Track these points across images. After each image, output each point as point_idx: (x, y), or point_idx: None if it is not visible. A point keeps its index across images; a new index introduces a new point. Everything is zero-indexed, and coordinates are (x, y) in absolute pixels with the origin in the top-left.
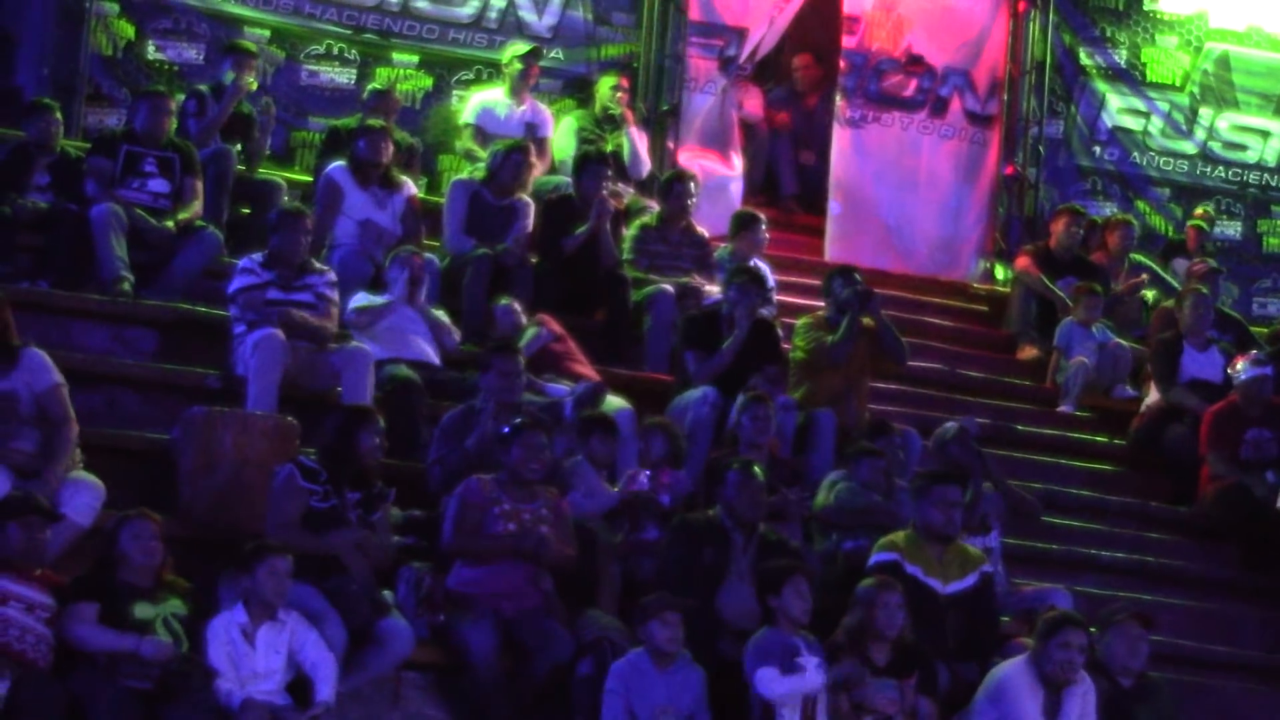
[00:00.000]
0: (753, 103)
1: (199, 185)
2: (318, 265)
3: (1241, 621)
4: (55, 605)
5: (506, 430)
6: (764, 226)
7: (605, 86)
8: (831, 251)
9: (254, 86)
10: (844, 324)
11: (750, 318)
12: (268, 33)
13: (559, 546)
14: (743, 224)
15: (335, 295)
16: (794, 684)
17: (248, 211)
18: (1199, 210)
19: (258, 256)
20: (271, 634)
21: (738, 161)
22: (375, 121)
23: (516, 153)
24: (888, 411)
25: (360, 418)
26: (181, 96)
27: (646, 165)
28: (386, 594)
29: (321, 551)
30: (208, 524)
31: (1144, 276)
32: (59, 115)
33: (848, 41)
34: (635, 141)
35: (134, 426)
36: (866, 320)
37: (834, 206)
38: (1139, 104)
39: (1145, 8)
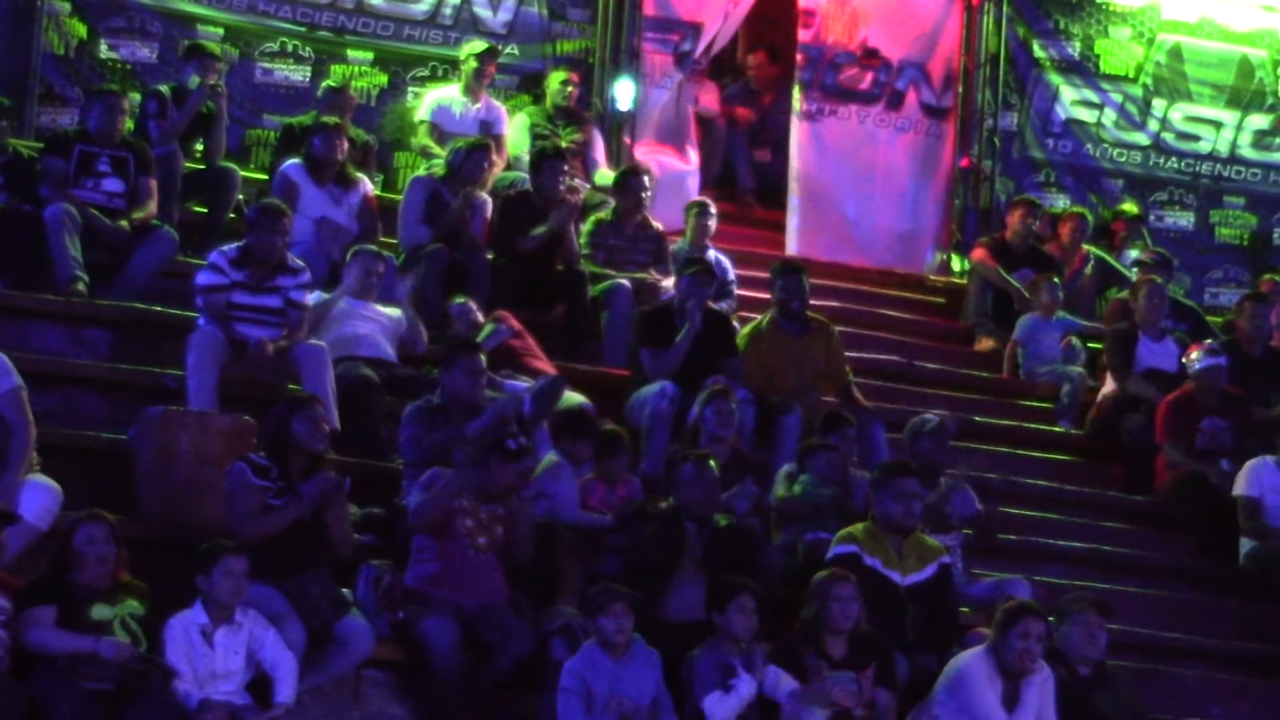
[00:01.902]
0: (709, 97)
1: (154, 184)
2: (293, 264)
3: (1198, 609)
4: (12, 609)
5: (513, 446)
6: (712, 211)
7: (556, 82)
8: (793, 246)
9: (222, 89)
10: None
11: (702, 311)
12: (221, 30)
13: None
14: (689, 211)
15: (306, 298)
16: (734, 704)
17: (204, 210)
18: (1124, 206)
19: (231, 251)
20: (229, 634)
21: (694, 156)
22: (330, 119)
23: (478, 151)
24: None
25: (293, 404)
26: (136, 96)
27: (602, 165)
28: (346, 592)
29: (289, 520)
30: (166, 524)
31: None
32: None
33: (803, 35)
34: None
35: (91, 427)
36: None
37: (794, 200)
38: (1092, 96)
39: (1098, 0)
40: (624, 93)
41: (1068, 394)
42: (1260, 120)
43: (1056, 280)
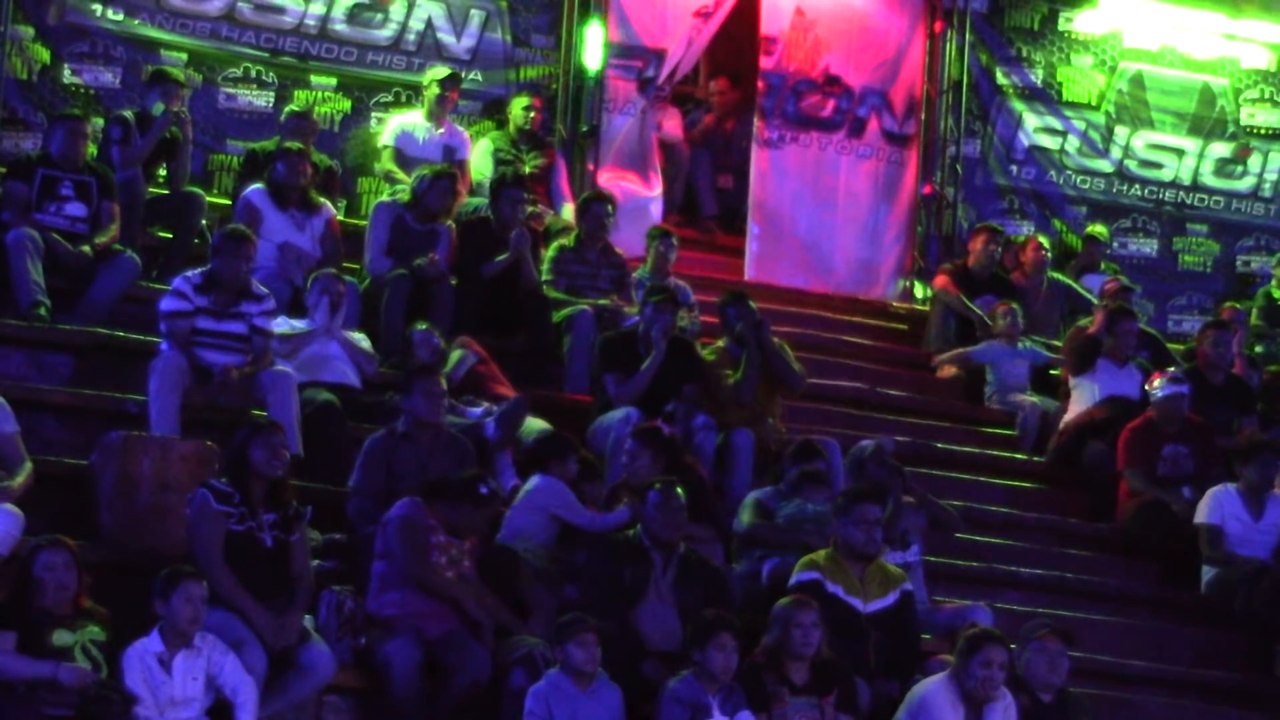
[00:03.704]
0: (671, 124)
1: (117, 209)
2: (257, 291)
3: (1160, 636)
4: None
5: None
6: (673, 240)
7: (518, 107)
8: (751, 271)
9: (186, 114)
10: (743, 362)
11: (666, 337)
12: (185, 56)
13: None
14: (650, 239)
15: (271, 325)
16: None
17: (168, 235)
18: (1093, 228)
19: (195, 277)
20: (188, 661)
21: (657, 182)
22: (294, 144)
23: (443, 179)
24: (810, 431)
25: (253, 430)
26: (99, 121)
27: (565, 190)
28: (308, 619)
29: (244, 609)
30: (127, 549)
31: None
32: None
33: (765, 62)
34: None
35: (52, 452)
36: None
37: (753, 227)
38: (1055, 123)
39: (1060, 28)
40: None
41: (1020, 423)
42: (1222, 148)
43: (1016, 307)
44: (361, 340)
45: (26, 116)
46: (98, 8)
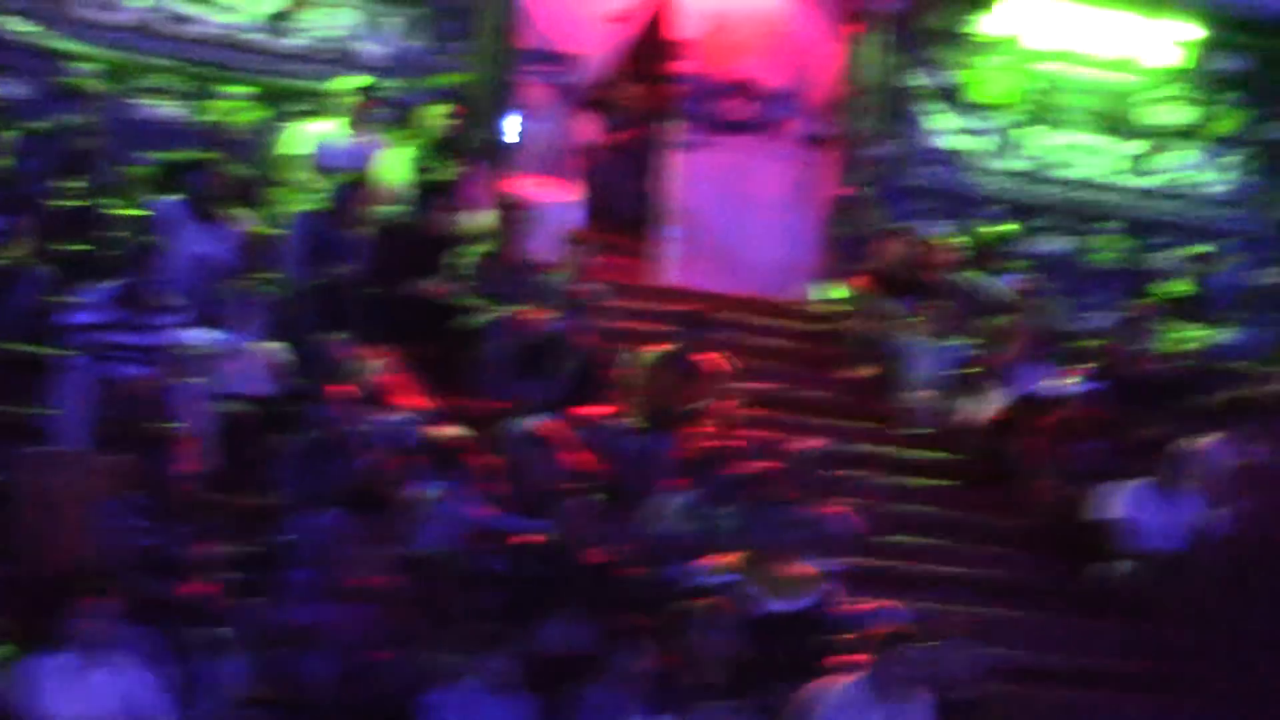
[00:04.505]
0: (590, 129)
1: (28, 223)
2: (172, 303)
3: (1077, 631)
4: None
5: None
6: (591, 246)
7: (436, 115)
8: (671, 275)
9: (100, 126)
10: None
11: (584, 344)
12: (99, 67)
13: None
14: (572, 247)
15: (185, 336)
16: None
17: (82, 248)
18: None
19: (109, 289)
20: (101, 677)
21: (575, 188)
22: (210, 155)
23: (361, 187)
24: (729, 433)
25: (166, 443)
26: (11, 134)
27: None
28: (223, 631)
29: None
30: (40, 564)
31: None
32: None
33: (682, 66)
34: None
35: None
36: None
37: (671, 231)
38: (970, 124)
39: (971, 30)
40: (510, 126)
41: (921, 412)
42: (1134, 146)
43: (945, 305)
44: (277, 351)
45: None
46: (8, 19)
